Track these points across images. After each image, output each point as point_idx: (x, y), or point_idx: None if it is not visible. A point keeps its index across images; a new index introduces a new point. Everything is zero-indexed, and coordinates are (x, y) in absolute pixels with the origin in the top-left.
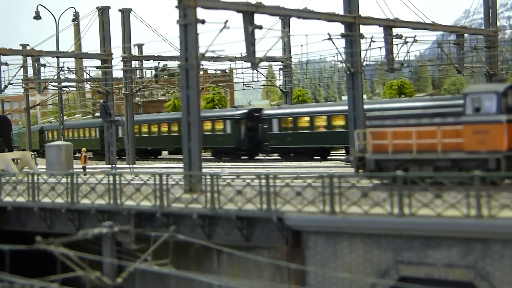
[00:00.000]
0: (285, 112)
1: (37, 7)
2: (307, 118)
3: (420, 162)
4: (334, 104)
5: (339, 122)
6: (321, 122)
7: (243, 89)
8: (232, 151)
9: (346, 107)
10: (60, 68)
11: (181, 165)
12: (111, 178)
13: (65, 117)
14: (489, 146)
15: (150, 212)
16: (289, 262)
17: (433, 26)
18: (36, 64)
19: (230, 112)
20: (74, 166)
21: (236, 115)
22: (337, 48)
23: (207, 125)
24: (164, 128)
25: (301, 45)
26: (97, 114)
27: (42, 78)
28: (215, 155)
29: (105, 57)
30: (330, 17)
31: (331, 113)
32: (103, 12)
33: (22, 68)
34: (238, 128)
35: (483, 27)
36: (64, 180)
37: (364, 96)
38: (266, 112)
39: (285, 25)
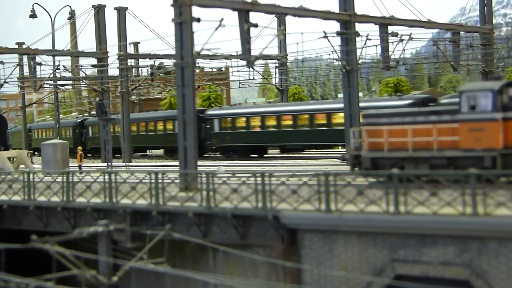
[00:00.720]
0: (224, 112)
1: (33, 6)
2: (244, 119)
3: (415, 160)
4: (267, 106)
5: (272, 122)
6: (256, 122)
7: (239, 87)
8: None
9: (277, 108)
10: (56, 67)
11: (176, 163)
12: (106, 177)
13: (61, 116)
14: (484, 144)
15: (146, 210)
16: (285, 260)
17: (428, 24)
18: (32, 63)
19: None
20: (70, 165)
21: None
22: (332, 46)
23: (160, 125)
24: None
25: (297, 43)
26: (94, 113)
27: (38, 76)
28: (167, 153)
29: (101, 55)
30: (325, 15)
31: (264, 114)
32: (99, 10)
33: (18, 67)
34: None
35: (479, 25)
36: (59, 179)
37: (360, 94)
38: (208, 112)
39: (281, 23)
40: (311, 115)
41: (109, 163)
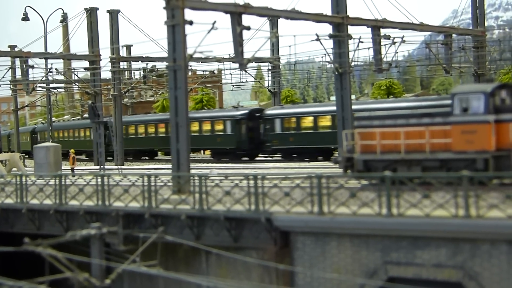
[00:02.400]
0: (124, 120)
1: (25, 9)
2: (143, 126)
3: (408, 163)
4: (161, 115)
5: (162, 129)
6: (151, 129)
7: (232, 90)
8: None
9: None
10: (48, 69)
11: (170, 166)
12: (99, 180)
13: (53, 118)
14: (477, 146)
15: (139, 213)
16: (278, 262)
17: (421, 27)
18: (24, 66)
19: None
20: (63, 168)
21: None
22: (325, 49)
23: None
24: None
25: (289, 46)
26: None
27: (30, 79)
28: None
29: (93, 58)
30: (318, 17)
31: (157, 121)
32: (91, 13)
33: (10, 70)
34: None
35: (471, 27)
36: (52, 182)
37: (353, 97)
38: (111, 121)
39: (273, 25)
40: (155, 125)
41: (102, 166)
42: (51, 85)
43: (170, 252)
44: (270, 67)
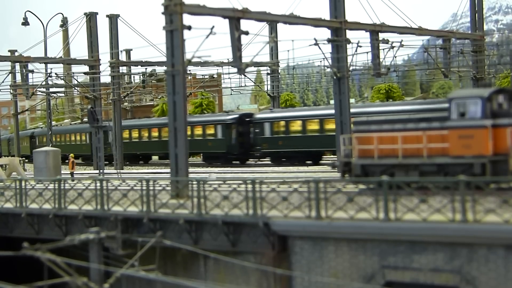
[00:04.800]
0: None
1: (25, 13)
2: (68, 135)
3: (405, 167)
4: (79, 125)
5: (84, 137)
6: (73, 137)
7: (231, 94)
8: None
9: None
10: (48, 74)
11: (169, 170)
12: (98, 184)
13: (53, 122)
14: (474, 151)
15: (137, 217)
16: (276, 267)
17: (419, 31)
18: (24, 70)
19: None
20: (62, 172)
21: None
22: (323, 53)
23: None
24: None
25: (288, 50)
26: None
27: (30, 83)
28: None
29: (93, 62)
30: (316, 22)
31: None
32: (91, 18)
33: (10, 74)
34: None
35: (470, 31)
36: (51, 186)
37: (352, 100)
38: (37, 131)
39: (272, 30)
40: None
41: (101, 170)
42: (51, 90)
43: (168, 256)
44: (269, 71)
